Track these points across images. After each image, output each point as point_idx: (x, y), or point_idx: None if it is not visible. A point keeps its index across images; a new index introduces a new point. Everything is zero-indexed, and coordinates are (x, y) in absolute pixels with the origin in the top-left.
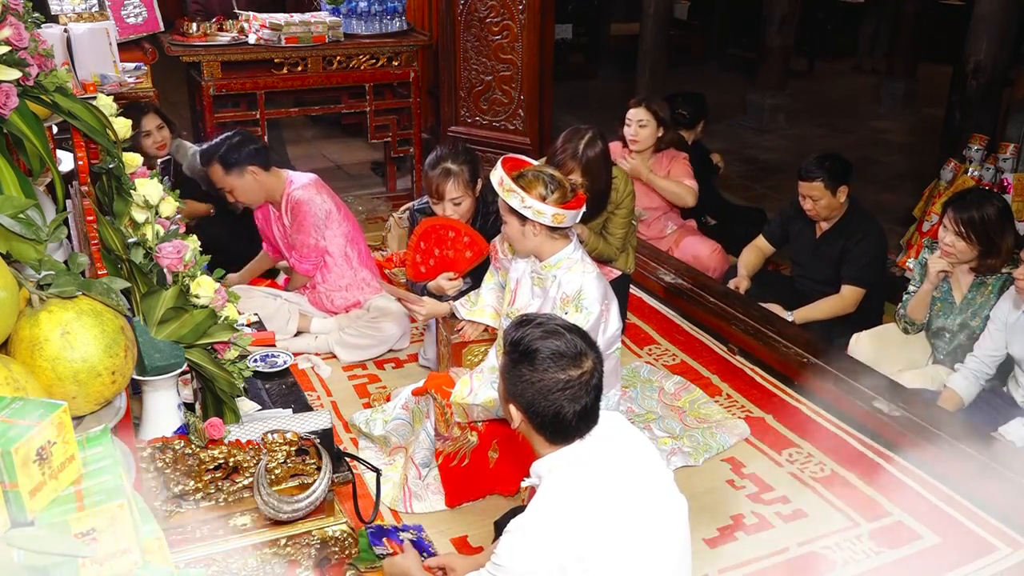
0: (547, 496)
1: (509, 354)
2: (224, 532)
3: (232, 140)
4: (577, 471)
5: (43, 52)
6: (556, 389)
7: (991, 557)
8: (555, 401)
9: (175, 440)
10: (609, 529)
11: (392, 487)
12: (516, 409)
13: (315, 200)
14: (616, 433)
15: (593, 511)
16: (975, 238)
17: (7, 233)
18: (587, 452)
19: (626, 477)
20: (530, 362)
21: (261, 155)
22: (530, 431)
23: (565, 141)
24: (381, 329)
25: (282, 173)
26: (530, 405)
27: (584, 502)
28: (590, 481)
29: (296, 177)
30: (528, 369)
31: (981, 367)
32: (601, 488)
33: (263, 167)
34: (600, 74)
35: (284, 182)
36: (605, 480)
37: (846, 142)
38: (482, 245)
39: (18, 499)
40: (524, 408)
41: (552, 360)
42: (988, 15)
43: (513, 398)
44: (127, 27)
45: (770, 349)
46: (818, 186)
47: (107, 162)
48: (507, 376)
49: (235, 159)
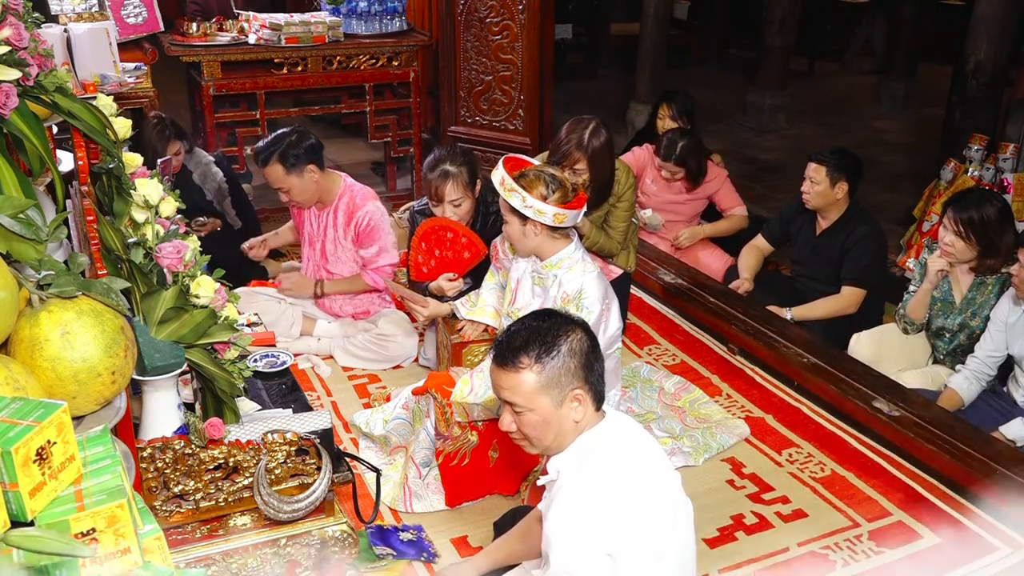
0: (575, 488)
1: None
2: (224, 532)
3: (291, 138)
4: (598, 460)
5: (43, 52)
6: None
7: (991, 557)
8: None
9: (175, 440)
10: (636, 521)
11: (392, 487)
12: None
13: (386, 216)
14: (629, 431)
15: (623, 502)
16: (974, 238)
17: (7, 233)
18: (604, 443)
19: (644, 471)
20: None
21: (318, 153)
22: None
23: (569, 131)
24: (387, 348)
25: (334, 173)
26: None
27: (612, 489)
28: (612, 470)
29: (356, 185)
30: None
31: (982, 367)
32: (625, 477)
33: (320, 166)
34: (600, 74)
35: (339, 183)
36: (627, 470)
37: (846, 142)
38: (480, 246)
39: (18, 499)
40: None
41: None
42: (988, 15)
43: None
44: (127, 27)
45: (770, 349)
46: (822, 170)
47: (107, 162)
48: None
49: (295, 158)
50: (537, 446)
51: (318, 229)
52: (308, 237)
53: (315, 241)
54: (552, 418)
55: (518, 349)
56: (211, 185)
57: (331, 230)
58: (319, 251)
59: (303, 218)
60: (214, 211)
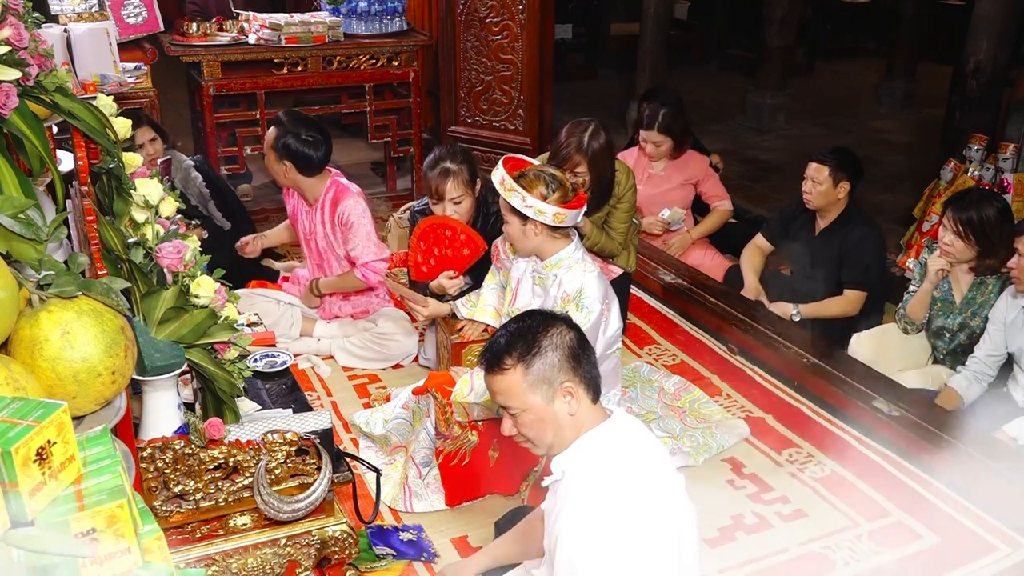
0: (582, 487)
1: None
2: (224, 532)
3: (303, 134)
4: (604, 456)
5: (43, 52)
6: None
7: (991, 557)
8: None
9: (175, 440)
10: (646, 516)
11: (392, 486)
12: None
13: (367, 211)
14: (634, 431)
15: (631, 496)
16: (973, 238)
17: (7, 233)
18: (609, 442)
19: (650, 472)
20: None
21: (305, 162)
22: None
23: (569, 134)
24: (387, 347)
25: (326, 176)
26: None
27: (622, 488)
28: (620, 467)
29: (341, 182)
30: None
31: (982, 368)
32: (633, 475)
33: (301, 170)
34: (600, 74)
35: (325, 181)
36: (634, 467)
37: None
38: (479, 242)
39: (18, 499)
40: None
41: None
42: (988, 15)
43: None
44: (127, 27)
45: (770, 349)
46: (824, 170)
47: (107, 162)
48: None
49: (285, 147)
50: (540, 446)
51: (310, 227)
52: (303, 236)
53: (309, 239)
54: (547, 415)
55: (501, 352)
56: (192, 190)
57: (319, 227)
58: (315, 249)
59: (297, 214)
60: (200, 215)
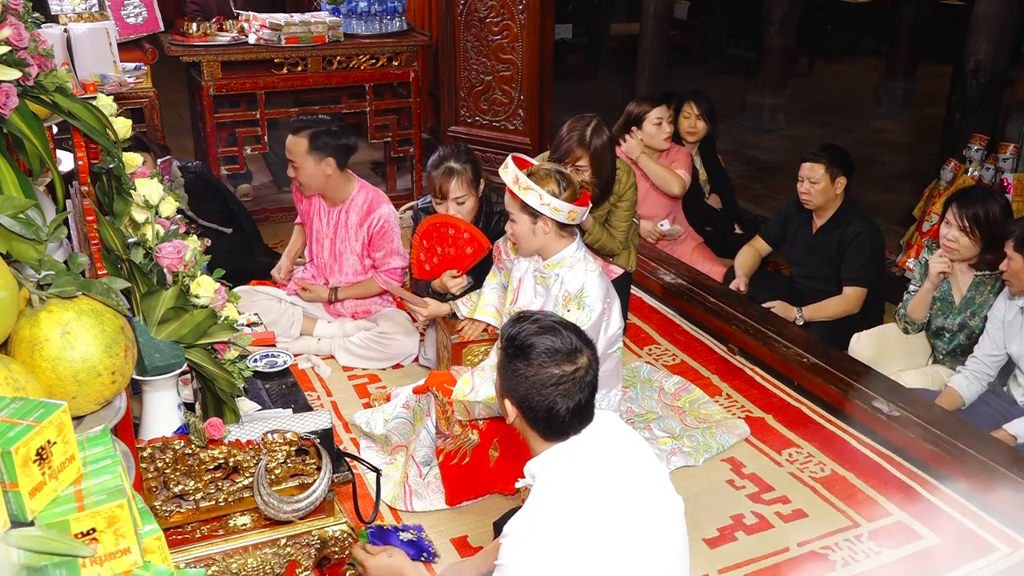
0: (542, 495)
1: (505, 349)
2: (224, 532)
3: (332, 127)
4: (572, 469)
5: (43, 52)
6: (550, 384)
7: (991, 557)
8: (548, 396)
9: (175, 440)
10: (605, 528)
11: (393, 485)
12: (511, 404)
13: (398, 220)
14: (611, 433)
15: (589, 509)
16: (979, 234)
17: (7, 233)
18: (582, 450)
19: (621, 476)
20: (525, 357)
21: (344, 154)
22: (524, 427)
23: (570, 129)
24: (388, 347)
25: (351, 174)
26: (524, 400)
27: (579, 500)
28: (585, 479)
29: (371, 188)
30: (523, 364)
31: (981, 368)
32: (596, 486)
33: (340, 165)
34: (600, 74)
35: (352, 184)
36: (600, 478)
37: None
38: (482, 241)
39: (18, 499)
40: (518, 403)
41: (547, 355)
42: (988, 15)
43: (508, 392)
44: (127, 27)
45: (770, 349)
46: (820, 168)
47: (107, 162)
48: (503, 371)
49: (324, 144)
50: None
51: (327, 226)
52: (316, 234)
53: (323, 239)
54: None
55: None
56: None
57: (341, 229)
58: (327, 249)
59: (311, 213)
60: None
